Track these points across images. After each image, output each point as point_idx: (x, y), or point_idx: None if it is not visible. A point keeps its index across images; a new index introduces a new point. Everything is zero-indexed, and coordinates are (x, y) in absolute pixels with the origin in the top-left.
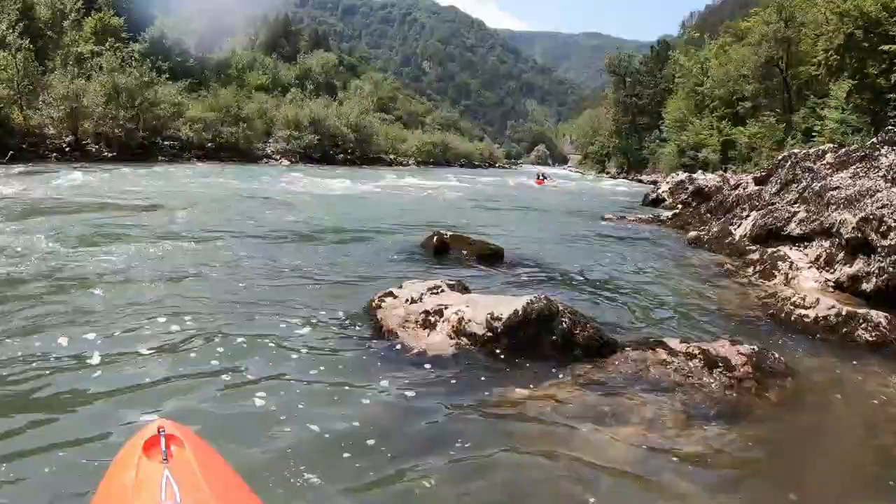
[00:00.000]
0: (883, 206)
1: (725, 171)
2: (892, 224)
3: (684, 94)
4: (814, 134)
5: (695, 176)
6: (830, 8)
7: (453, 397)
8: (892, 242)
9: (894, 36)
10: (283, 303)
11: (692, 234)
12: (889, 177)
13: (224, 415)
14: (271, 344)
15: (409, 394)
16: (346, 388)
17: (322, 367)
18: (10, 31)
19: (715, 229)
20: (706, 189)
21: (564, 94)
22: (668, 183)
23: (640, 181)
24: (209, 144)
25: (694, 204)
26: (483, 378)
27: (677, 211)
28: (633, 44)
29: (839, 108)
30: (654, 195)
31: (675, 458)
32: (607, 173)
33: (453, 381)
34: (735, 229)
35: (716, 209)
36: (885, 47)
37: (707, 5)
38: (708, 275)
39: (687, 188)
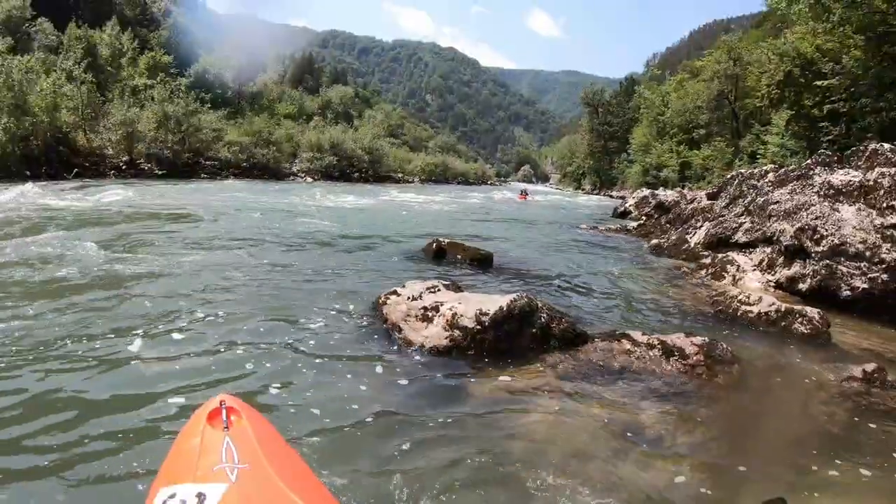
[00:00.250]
0: (816, 218)
1: (683, 188)
2: (824, 233)
3: (648, 122)
4: (758, 156)
5: (657, 192)
6: (772, 49)
7: (445, 381)
8: (824, 248)
9: (826, 73)
10: (304, 299)
11: (654, 241)
12: (821, 193)
13: (255, 390)
14: (292, 336)
15: (408, 377)
16: (355, 373)
17: (335, 355)
18: (77, 66)
19: (673, 237)
20: (666, 203)
21: (546, 122)
22: (634, 198)
23: (611, 196)
24: (244, 164)
25: (656, 216)
26: (472, 365)
27: (642, 222)
28: (604, 80)
29: (780, 135)
30: (622, 208)
31: (636, 433)
32: (583, 190)
33: (446, 368)
34: (690, 237)
35: (674, 220)
36: (819, 83)
37: (668, 47)
38: (667, 276)
39: (650, 202)
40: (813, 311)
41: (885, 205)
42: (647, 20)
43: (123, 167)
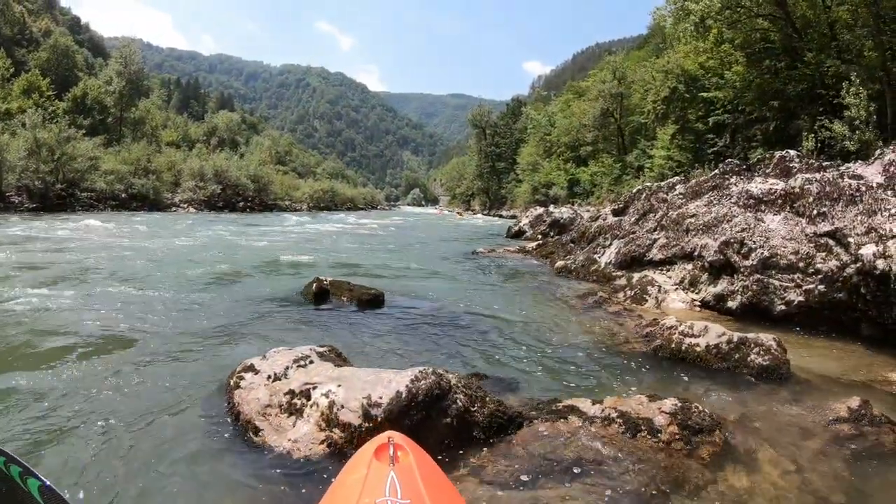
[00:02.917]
0: (743, 230)
1: (573, 204)
2: (753, 245)
3: (535, 141)
4: (645, 169)
5: (551, 210)
6: (657, 67)
7: None
8: (754, 262)
9: (709, 88)
10: (113, 385)
11: (560, 263)
12: (741, 203)
13: None
14: (91, 452)
15: None
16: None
17: (158, 477)
18: None
19: (581, 258)
20: (562, 220)
21: (434, 145)
22: (527, 217)
23: (501, 216)
24: (122, 195)
25: (552, 234)
26: None
27: (539, 241)
28: (490, 102)
29: (665, 148)
30: (516, 228)
31: None
32: (473, 211)
33: (324, 486)
34: (600, 257)
35: (578, 239)
36: (704, 94)
37: (552, 69)
38: (584, 304)
39: (545, 220)
40: (769, 339)
41: (815, 212)
42: (532, 43)
43: None
